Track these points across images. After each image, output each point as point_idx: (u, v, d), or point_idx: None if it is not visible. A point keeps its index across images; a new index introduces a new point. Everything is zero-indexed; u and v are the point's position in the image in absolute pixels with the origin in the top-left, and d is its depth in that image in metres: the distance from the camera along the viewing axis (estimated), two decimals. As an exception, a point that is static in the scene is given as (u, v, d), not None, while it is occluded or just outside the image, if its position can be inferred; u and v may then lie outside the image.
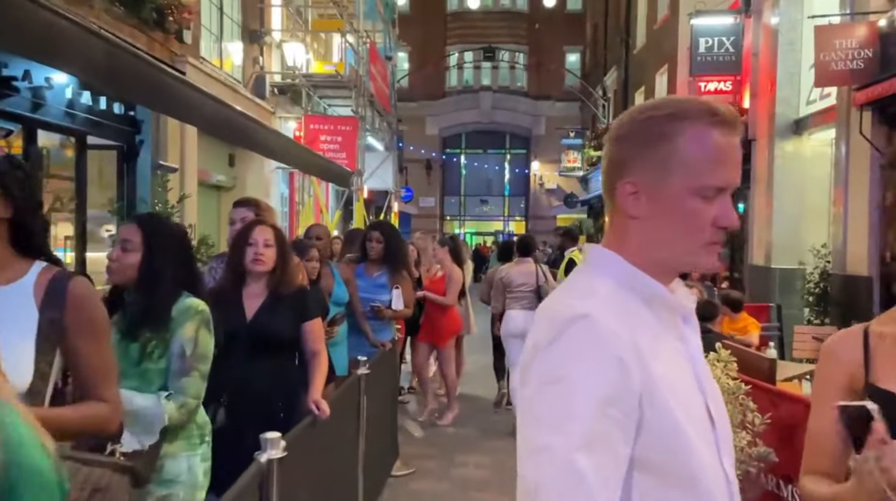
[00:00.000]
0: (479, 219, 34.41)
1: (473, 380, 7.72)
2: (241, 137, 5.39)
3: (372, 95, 13.40)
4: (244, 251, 2.68)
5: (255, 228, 2.73)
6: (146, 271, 1.94)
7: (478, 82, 32.52)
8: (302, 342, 2.78)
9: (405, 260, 4.89)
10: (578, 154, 25.79)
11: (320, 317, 2.89)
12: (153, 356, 1.95)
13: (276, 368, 2.69)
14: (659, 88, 15.88)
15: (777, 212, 8.87)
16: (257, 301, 2.71)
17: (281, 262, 2.72)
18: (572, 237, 7.45)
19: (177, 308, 1.99)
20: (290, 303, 2.72)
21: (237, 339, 2.60)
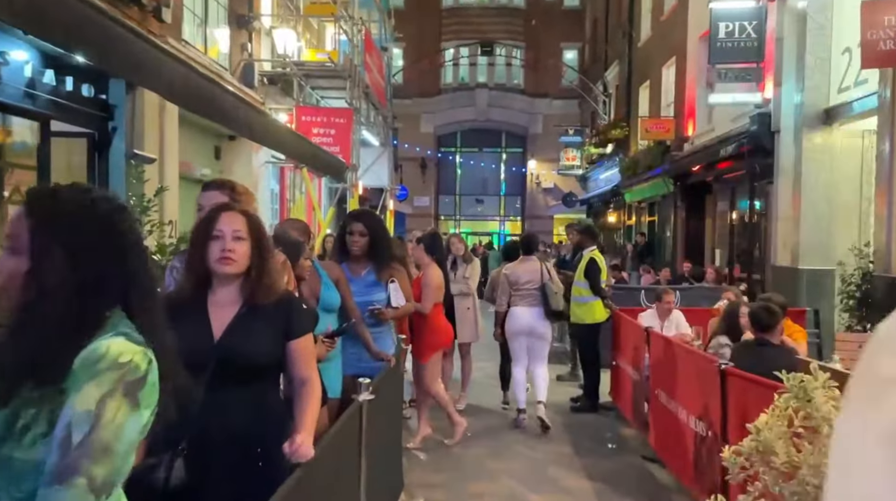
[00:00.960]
0: (474, 219, 33.75)
1: (481, 390, 7.04)
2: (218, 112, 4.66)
3: (367, 87, 12.71)
4: (207, 247, 2.00)
5: (221, 215, 2.04)
6: (29, 287, 1.16)
7: (474, 80, 31.85)
8: (287, 367, 2.10)
9: (393, 250, 4.18)
10: (578, 152, 25.18)
11: (311, 332, 2.19)
12: (25, 436, 1.14)
13: (253, 402, 2.01)
14: (666, 81, 15.27)
15: (805, 209, 8.24)
16: (228, 313, 2.05)
17: (258, 260, 2.05)
18: (591, 235, 6.81)
19: (82, 356, 1.15)
20: (272, 316, 2.06)
21: (201, 365, 1.93)
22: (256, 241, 2.05)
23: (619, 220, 19.95)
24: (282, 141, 6.68)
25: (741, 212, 11.17)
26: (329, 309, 3.52)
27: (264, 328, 2.04)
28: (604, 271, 6.58)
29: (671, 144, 13.95)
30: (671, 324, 6.21)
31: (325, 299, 3.48)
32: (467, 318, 6.32)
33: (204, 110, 4.38)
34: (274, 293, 2.07)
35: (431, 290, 5.05)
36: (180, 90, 4.05)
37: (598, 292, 6.39)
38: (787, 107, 8.65)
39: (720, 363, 3.47)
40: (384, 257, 3.95)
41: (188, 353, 1.91)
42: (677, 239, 13.88)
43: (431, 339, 5.10)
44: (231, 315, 2.04)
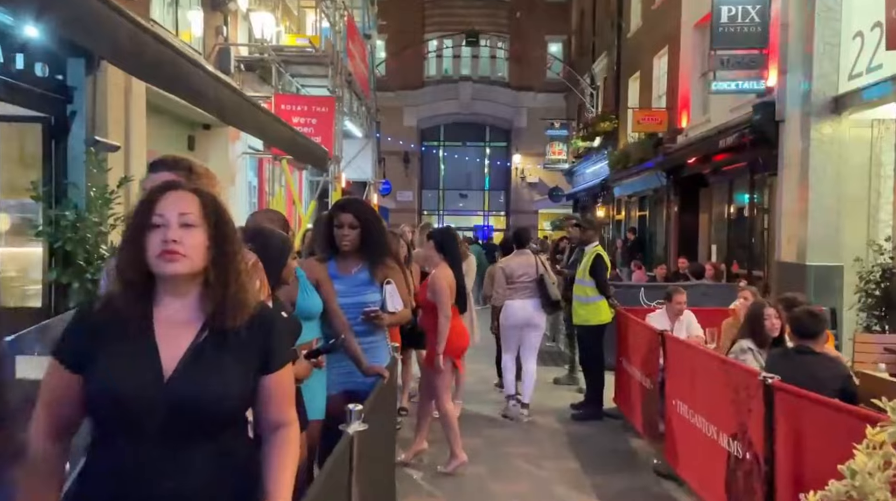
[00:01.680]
0: (458, 214, 33.30)
1: (477, 398, 6.56)
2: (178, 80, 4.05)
3: (350, 75, 12.13)
4: (144, 239, 1.46)
5: (164, 195, 1.49)
6: None
7: (457, 72, 31.36)
8: (257, 407, 1.57)
9: (388, 246, 3.61)
10: (564, 146, 24.79)
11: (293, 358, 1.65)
12: None
13: (217, 457, 1.48)
14: (658, 71, 14.87)
15: (813, 203, 7.84)
16: (182, 339, 1.49)
17: (218, 258, 1.50)
18: (595, 230, 6.35)
19: None
20: (245, 343, 1.52)
21: (144, 413, 1.41)
22: (215, 230, 1.50)
23: (607, 215, 19.56)
24: (257, 122, 6.03)
25: (739, 206, 10.79)
26: (308, 316, 2.99)
27: (233, 362, 1.50)
28: (609, 269, 6.16)
29: (663, 137, 13.55)
30: (682, 326, 5.77)
31: (302, 305, 2.95)
32: (464, 318, 5.82)
33: (160, 78, 3.79)
34: (245, 309, 1.52)
35: (442, 293, 4.48)
36: (127, 50, 3.44)
37: (605, 291, 5.97)
38: (792, 95, 8.25)
39: (765, 377, 3.01)
40: (379, 253, 3.42)
41: (125, 396, 1.40)
42: (670, 234, 13.49)
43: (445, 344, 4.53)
44: (187, 342, 1.48)
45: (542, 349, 9.69)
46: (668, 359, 4.58)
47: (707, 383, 3.83)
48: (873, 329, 6.17)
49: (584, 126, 20.51)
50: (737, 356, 4.26)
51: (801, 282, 7.85)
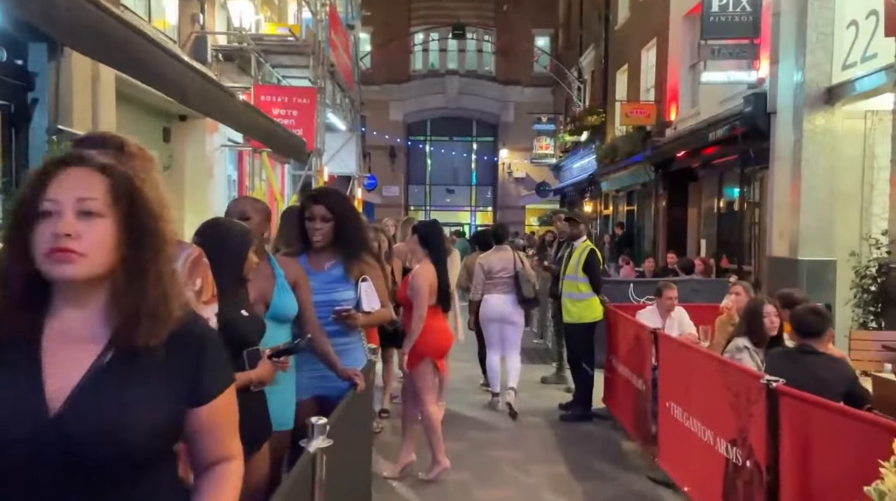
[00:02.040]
0: (445, 209, 33.06)
1: (461, 397, 6.32)
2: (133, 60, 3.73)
3: (332, 65, 11.82)
4: (32, 231, 1.14)
5: (59, 173, 1.16)
6: None
7: (444, 66, 31.08)
8: (190, 443, 1.28)
9: (365, 240, 3.35)
10: (551, 140, 24.60)
11: (232, 382, 1.35)
12: None
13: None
14: (646, 64, 14.68)
15: (805, 196, 7.67)
16: (79, 361, 1.16)
17: (132, 257, 1.18)
18: (583, 224, 6.14)
19: None
20: (165, 366, 1.20)
21: (31, 460, 1.11)
22: (128, 220, 1.17)
23: (595, 209, 19.39)
24: (227, 109, 5.67)
25: (729, 200, 10.62)
26: (282, 319, 2.72)
27: (147, 390, 1.17)
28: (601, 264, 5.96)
29: (652, 130, 13.37)
30: (673, 323, 5.56)
31: (277, 306, 2.68)
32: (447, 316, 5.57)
33: (110, 54, 3.48)
34: (165, 322, 1.19)
35: (418, 293, 4.21)
36: (68, 24, 3.12)
37: (598, 288, 5.78)
38: (784, 86, 8.07)
39: (768, 380, 2.78)
40: (354, 248, 3.15)
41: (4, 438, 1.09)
42: (658, 229, 13.33)
43: (421, 345, 4.26)
44: (85, 364, 1.15)
45: (530, 346, 9.56)
46: (662, 359, 4.36)
47: (704, 385, 3.61)
48: (869, 326, 5.99)
49: (572, 120, 20.31)
50: (732, 354, 4.05)
51: (793, 277, 7.69)
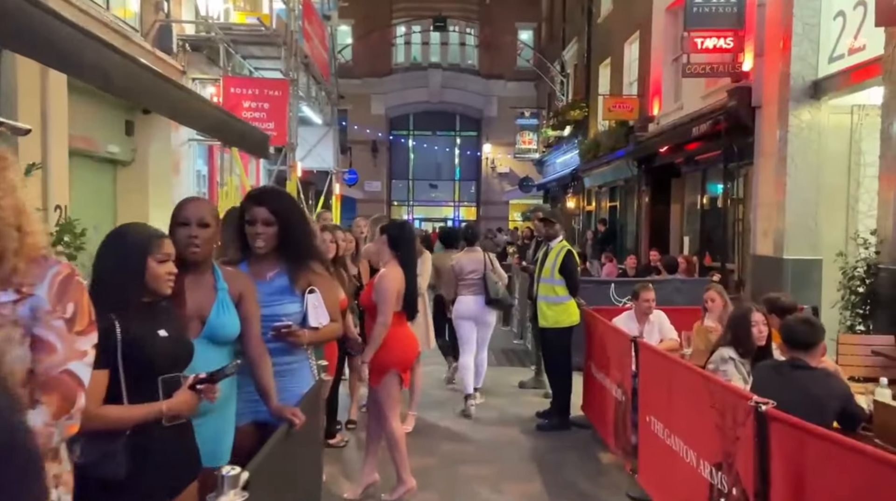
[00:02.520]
0: (428, 204, 32.76)
1: (431, 405, 6.01)
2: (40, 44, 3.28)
3: (306, 57, 11.42)
4: None
5: None
6: None
7: (426, 59, 30.69)
8: None
9: (313, 247, 2.99)
10: (534, 135, 24.34)
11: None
12: None
13: None
14: (628, 58, 14.42)
15: (791, 193, 7.45)
16: None
17: None
18: (563, 223, 5.84)
19: None
20: None
21: None
22: None
23: (578, 205, 19.16)
24: (165, 97, 5.10)
25: (713, 196, 10.40)
26: (220, 340, 2.37)
27: None
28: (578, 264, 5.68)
29: (634, 125, 13.13)
30: (653, 327, 5.29)
31: (214, 324, 2.33)
32: (417, 322, 5.25)
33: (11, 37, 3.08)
34: None
35: (385, 297, 3.89)
36: None
37: (575, 291, 5.50)
38: (769, 79, 7.83)
39: (757, 402, 2.50)
40: (300, 255, 2.81)
41: None
42: (641, 226, 13.10)
43: (386, 356, 3.95)
44: None
45: (509, 347, 9.28)
46: (642, 369, 4.08)
47: (687, 401, 3.33)
48: (857, 329, 5.77)
49: (554, 115, 20.04)
50: (717, 366, 3.78)
51: (777, 276, 7.48)
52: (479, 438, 5.23)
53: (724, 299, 4.94)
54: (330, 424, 4.75)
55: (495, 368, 7.84)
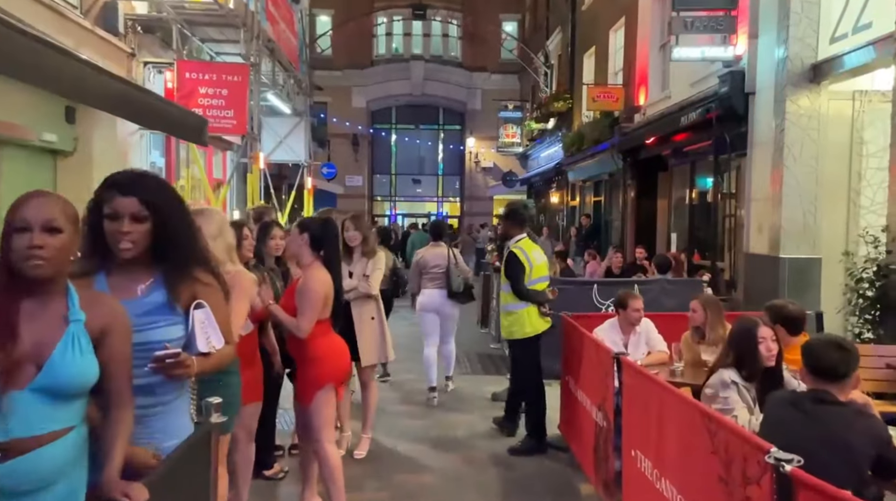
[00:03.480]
0: (411, 200, 32.08)
1: (392, 422, 5.34)
2: None
3: (270, 41, 10.67)
4: None
5: None
6: None
7: (408, 51, 29.92)
8: None
9: (198, 248, 2.26)
10: (518, 128, 23.71)
11: None
12: None
13: None
14: (614, 45, 13.80)
15: (788, 187, 6.85)
16: None
17: None
18: (518, 221, 5.07)
19: None
20: None
21: None
22: None
23: (562, 200, 18.56)
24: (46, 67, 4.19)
25: (702, 190, 9.81)
26: (63, 392, 1.66)
27: None
28: (538, 268, 4.94)
29: (620, 116, 12.52)
30: (639, 339, 4.67)
31: (56, 370, 1.65)
32: (370, 331, 4.59)
33: None
34: None
35: (311, 302, 3.32)
36: None
37: (524, 296, 4.82)
38: (765, 63, 7.23)
39: (778, 460, 1.86)
40: (181, 260, 2.12)
41: None
42: (626, 221, 12.51)
43: (317, 370, 3.41)
44: None
45: (486, 351, 8.65)
46: (627, 393, 3.44)
47: (681, 441, 2.69)
48: (865, 338, 5.18)
49: (538, 107, 19.39)
50: (716, 391, 3.15)
51: (773, 276, 6.90)
52: (441, 466, 4.57)
53: (708, 311, 4.33)
54: (266, 453, 4.08)
55: (469, 376, 7.20)
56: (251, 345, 3.34)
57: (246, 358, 3.26)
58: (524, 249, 4.88)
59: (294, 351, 3.45)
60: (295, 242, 3.44)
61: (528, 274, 4.80)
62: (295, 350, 3.45)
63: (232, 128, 9.52)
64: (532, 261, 4.85)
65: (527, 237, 5.03)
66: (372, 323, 4.59)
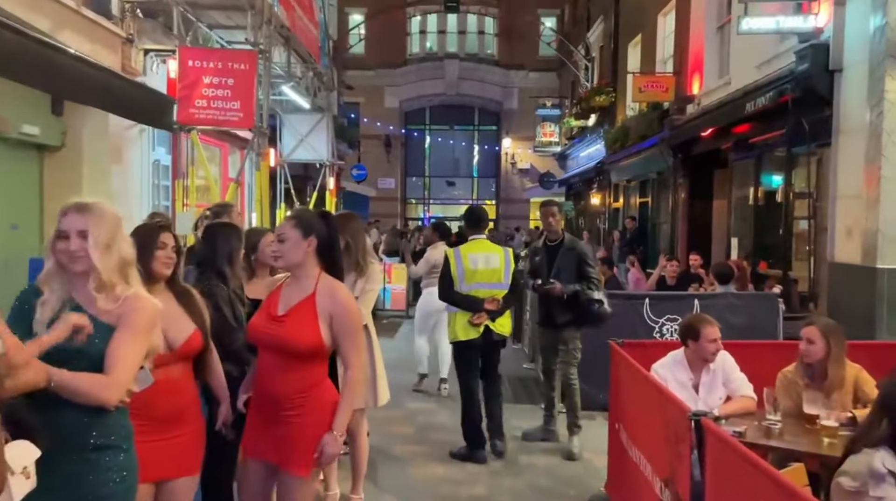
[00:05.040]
0: (445, 202, 31.17)
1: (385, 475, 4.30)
2: None
3: (284, 27, 9.80)
4: None
5: None
6: None
7: (442, 49, 29.03)
8: None
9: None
10: (556, 127, 22.53)
11: None
12: None
13: None
14: (663, 31, 12.57)
15: (887, 181, 5.61)
16: None
17: None
18: (473, 221, 4.90)
19: None
20: None
21: None
22: None
23: (603, 202, 17.32)
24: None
25: (770, 188, 8.52)
26: None
27: None
28: (480, 272, 4.62)
29: (670, 107, 11.29)
30: (713, 379, 3.54)
31: None
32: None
33: None
34: None
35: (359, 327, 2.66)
36: None
37: (445, 300, 4.71)
38: (855, 33, 6.00)
39: None
40: None
41: None
42: (677, 225, 11.25)
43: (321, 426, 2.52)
44: None
45: (517, 372, 7.51)
46: (713, 475, 2.34)
47: None
48: None
49: (577, 102, 18.19)
50: (862, 482, 2.03)
51: (866, 290, 5.66)
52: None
53: (829, 344, 3.19)
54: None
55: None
56: (171, 398, 2.35)
57: (161, 418, 2.29)
58: (461, 252, 4.66)
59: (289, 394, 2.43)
60: (297, 248, 2.46)
61: (457, 279, 4.58)
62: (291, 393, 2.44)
63: (238, 121, 8.64)
64: (465, 265, 4.59)
65: (482, 239, 4.75)
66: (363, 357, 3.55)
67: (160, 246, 2.40)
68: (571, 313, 4.83)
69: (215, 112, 8.53)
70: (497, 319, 4.55)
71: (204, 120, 8.51)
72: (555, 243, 5.04)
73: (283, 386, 2.43)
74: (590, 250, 5.35)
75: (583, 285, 4.81)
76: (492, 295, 4.52)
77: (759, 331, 5.63)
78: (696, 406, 3.41)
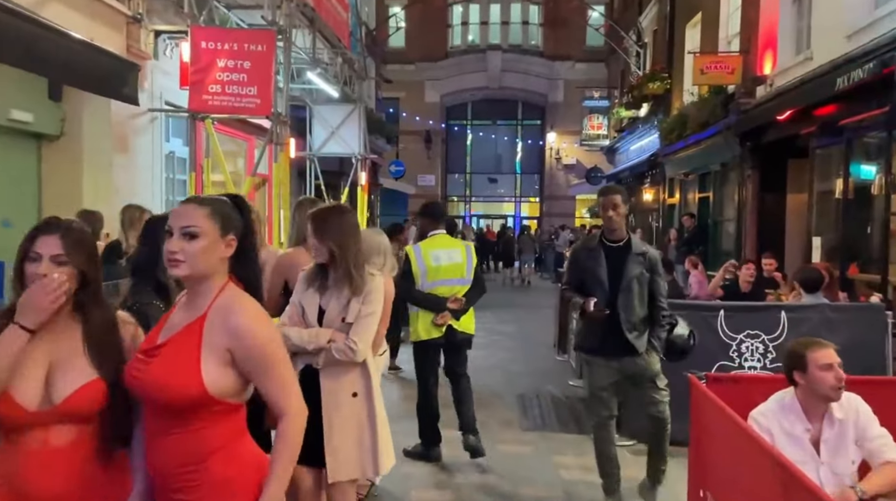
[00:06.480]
0: (487, 200, 30.23)
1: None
2: None
3: (308, 6, 9.01)
4: None
5: None
6: None
7: (485, 41, 28.05)
8: None
9: None
10: (604, 119, 21.33)
11: None
12: None
13: None
14: (727, 7, 11.33)
15: None
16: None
17: None
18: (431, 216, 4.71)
19: None
20: None
21: None
22: None
23: (656, 198, 16.09)
24: None
25: (862, 180, 7.29)
26: None
27: None
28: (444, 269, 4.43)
29: (736, 91, 10.09)
30: (841, 433, 2.52)
31: None
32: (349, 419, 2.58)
33: None
34: None
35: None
36: None
37: (408, 299, 4.46)
38: None
39: None
40: None
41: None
42: (744, 222, 10.04)
43: None
44: None
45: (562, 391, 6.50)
46: None
47: None
48: None
49: (629, 91, 16.98)
50: None
51: None
52: None
53: None
54: None
55: (535, 433, 5.17)
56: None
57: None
58: (422, 248, 4.47)
59: (171, 468, 1.59)
60: (212, 250, 1.63)
61: (419, 276, 4.39)
62: (174, 467, 1.59)
63: (255, 108, 7.87)
64: (427, 262, 4.41)
65: (442, 234, 4.58)
66: (353, 404, 2.63)
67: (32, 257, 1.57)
68: (646, 332, 3.65)
69: (230, 98, 7.78)
70: (461, 317, 4.44)
71: (218, 107, 7.77)
72: (617, 245, 3.73)
73: (162, 456, 1.60)
74: (659, 259, 4.03)
75: (657, 315, 3.66)
76: (454, 292, 4.40)
77: (863, 353, 4.53)
78: (819, 474, 2.43)
